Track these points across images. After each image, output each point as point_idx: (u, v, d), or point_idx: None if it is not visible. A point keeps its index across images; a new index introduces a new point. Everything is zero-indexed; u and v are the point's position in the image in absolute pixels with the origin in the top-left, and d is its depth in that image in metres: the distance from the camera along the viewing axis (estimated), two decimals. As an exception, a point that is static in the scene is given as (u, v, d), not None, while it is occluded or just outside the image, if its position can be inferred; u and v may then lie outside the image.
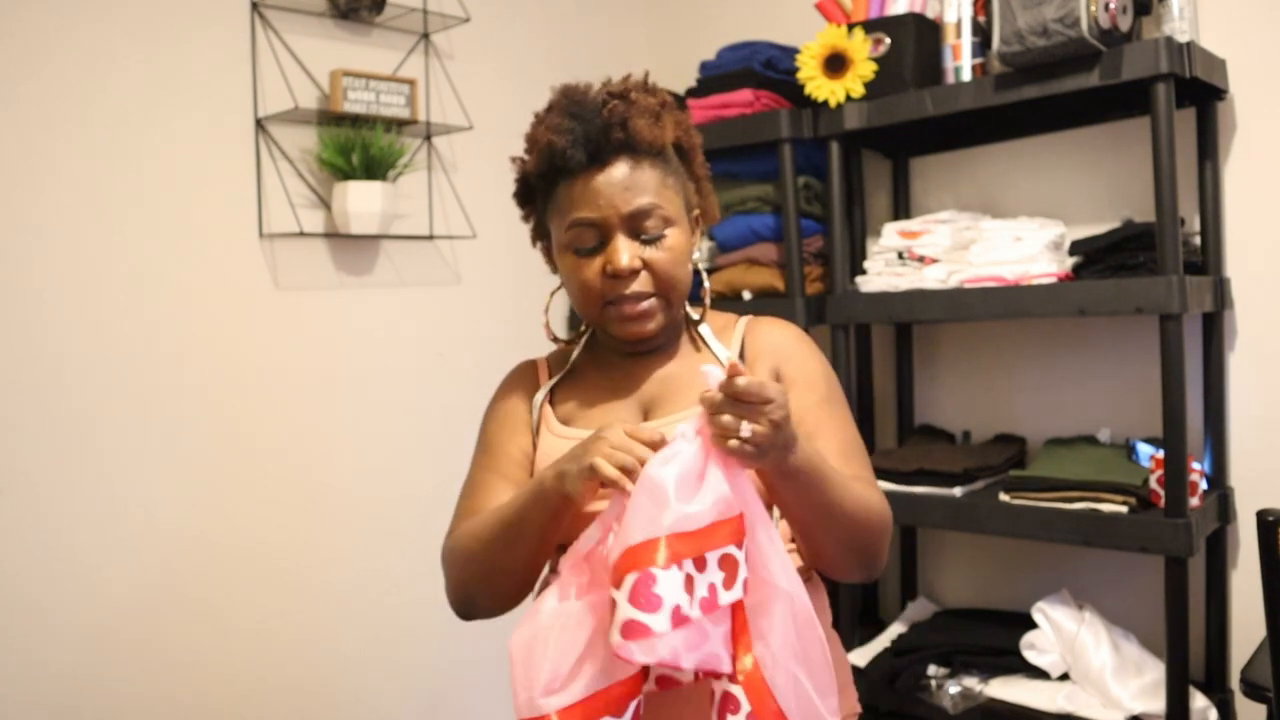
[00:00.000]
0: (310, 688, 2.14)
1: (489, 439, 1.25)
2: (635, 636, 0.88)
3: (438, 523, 2.48)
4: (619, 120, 1.11)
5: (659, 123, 1.14)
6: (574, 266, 1.15)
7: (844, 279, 2.22)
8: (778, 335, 1.21)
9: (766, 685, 0.93)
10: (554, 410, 1.22)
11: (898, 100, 2.09)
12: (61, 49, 1.82)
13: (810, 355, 1.21)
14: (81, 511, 1.84)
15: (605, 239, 1.13)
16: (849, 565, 1.12)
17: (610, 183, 1.11)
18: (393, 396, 2.30)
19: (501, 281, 2.52)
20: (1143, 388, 2.07)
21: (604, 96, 1.14)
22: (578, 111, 1.13)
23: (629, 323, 1.15)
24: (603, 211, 1.11)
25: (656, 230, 1.13)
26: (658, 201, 1.13)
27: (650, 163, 1.14)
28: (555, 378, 1.26)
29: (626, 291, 1.12)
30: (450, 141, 2.40)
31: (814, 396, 1.16)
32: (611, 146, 1.12)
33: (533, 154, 1.18)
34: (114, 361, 1.89)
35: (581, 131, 1.12)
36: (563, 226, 1.15)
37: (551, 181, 1.16)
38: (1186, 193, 1.97)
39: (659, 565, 0.89)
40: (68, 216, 1.84)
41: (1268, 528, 1.32)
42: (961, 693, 2.01)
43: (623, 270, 1.11)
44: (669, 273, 1.13)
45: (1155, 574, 1.92)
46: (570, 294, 1.19)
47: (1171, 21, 1.90)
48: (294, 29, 2.13)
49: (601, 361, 1.25)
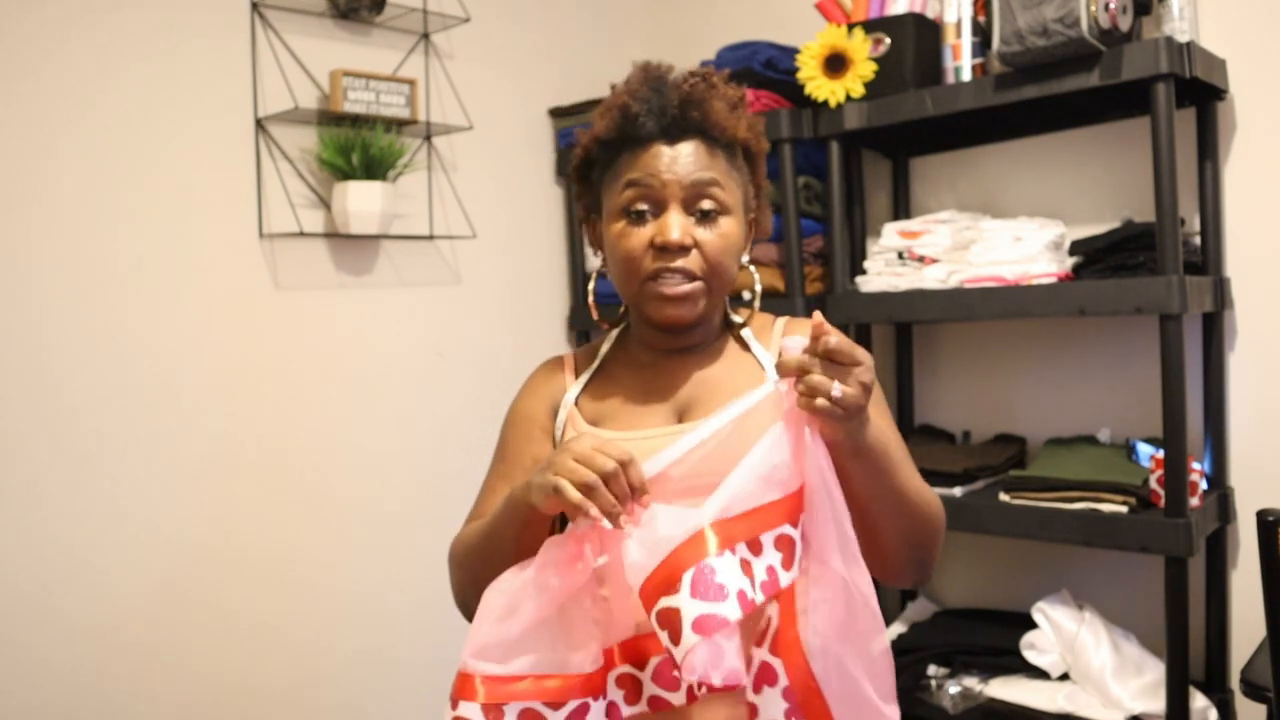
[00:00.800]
0: (309, 687, 2.14)
1: (505, 443, 1.22)
2: (709, 630, 0.85)
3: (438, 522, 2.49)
4: (698, 99, 1.09)
5: (735, 113, 1.12)
6: (621, 234, 1.10)
7: (844, 279, 2.22)
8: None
9: (806, 660, 0.92)
10: (582, 411, 1.17)
11: (898, 100, 2.09)
12: (62, 49, 1.82)
13: None
14: (81, 512, 1.84)
15: (659, 209, 1.09)
16: (905, 562, 1.08)
17: (678, 155, 1.09)
18: (392, 396, 2.30)
19: (501, 281, 2.52)
20: (1143, 388, 2.07)
21: (686, 75, 1.12)
22: (658, 85, 1.11)
23: (667, 304, 1.10)
24: (662, 178, 1.08)
25: (713, 211, 1.10)
26: (720, 180, 1.10)
27: (719, 150, 1.11)
28: (583, 377, 1.20)
29: (672, 265, 1.08)
30: (450, 141, 2.40)
31: None
32: (685, 124, 1.09)
33: (604, 118, 1.13)
34: (114, 361, 1.89)
35: (658, 103, 1.09)
36: (617, 191, 1.11)
37: (615, 150, 1.12)
38: (1186, 193, 1.97)
39: (712, 554, 0.87)
40: (68, 216, 1.84)
41: (1268, 528, 1.32)
42: (961, 693, 2.01)
43: (672, 243, 1.07)
44: (718, 258, 1.09)
45: (1155, 574, 1.92)
46: (612, 265, 1.14)
47: (1171, 21, 1.90)
48: (294, 29, 2.13)
49: (633, 359, 1.20)
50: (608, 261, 1.15)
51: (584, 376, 1.20)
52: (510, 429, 1.22)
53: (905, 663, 2.11)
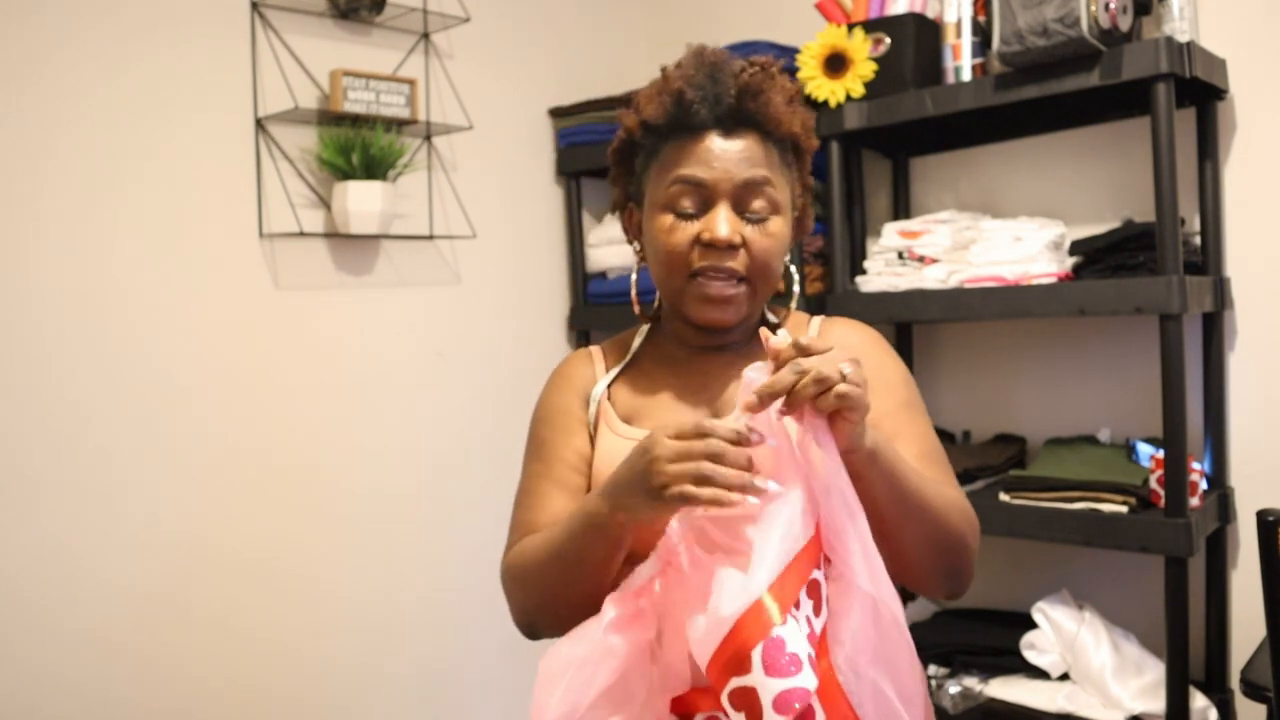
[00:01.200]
0: (306, 688, 2.14)
1: (541, 441, 1.14)
2: (791, 707, 0.80)
3: (438, 522, 2.49)
4: (756, 90, 1.04)
5: (791, 106, 1.07)
6: (666, 228, 1.05)
7: (844, 279, 2.22)
8: (855, 337, 1.15)
9: (842, 691, 0.86)
10: (614, 405, 1.12)
11: (898, 100, 2.09)
12: (62, 49, 1.82)
13: (888, 357, 1.14)
14: (80, 512, 1.84)
15: (707, 205, 1.04)
16: (934, 571, 1.04)
17: (730, 149, 1.04)
18: (392, 396, 2.30)
19: (501, 281, 2.52)
20: (1143, 388, 2.07)
21: (744, 63, 1.06)
22: (715, 72, 1.05)
23: (710, 305, 1.06)
24: (714, 174, 1.03)
25: (763, 211, 1.05)
26: (772, 179, 1.05)
27: (772, 145, 1.07)
28: (614, 370, 1.16)
29: (720, 265, 1.03)
30: (450, 141, 2.40)
31: (893, 401, 1.09)
32: (741, 115, 1.04)
33: (654, 102, 1.07)
34: (113, 361, 1.89)
35: (714, 91, 1.04)
36: (664, 183, 1.06)
37: (662, 136, 1.07)
38: (1186, 193, 1.97)
39: (778, 624, 0.81)
40: (67, 216, 1.84)
41: (1268, 528, 1.32)
42: (961, 693, 2.01)
43: (720, 240, 1.02)
44: (765, 260, 1.05)
45: (1155, 574, 1.92)
46: (652, 259, 1.09)
47: (1171, 21, 1.90)
48: (294, 29, 2.13)
49: (667, 356, 1.16)
50: (647, 254, 1.11)
51: (615, 370, 1.16)
52: (544, 425, 1.15)
53: (905, 663, 2.11)
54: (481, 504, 2.39)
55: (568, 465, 1.11)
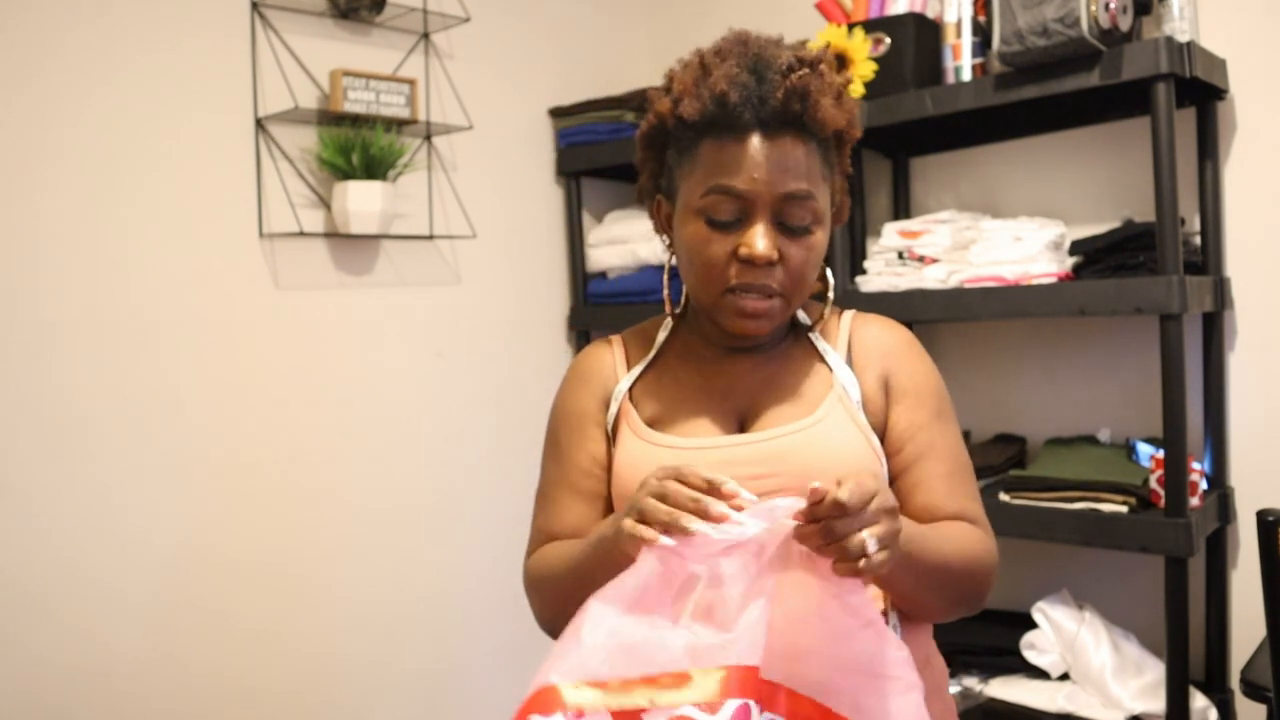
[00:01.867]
0: (306, 688, 2.14)
1: (557, 443, 1.12)
2: None
3: (438, 522, 2.48)
4: (803, 92, 0.97)
5: (840, 105, 1.01)
6: (702, 238, 1.00)
7: (844, 279, 2.22)
8: (888, 338, 1.10)
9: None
10: (636, 406, 1.08)
11: (898, 100, 2.09)
12: (61, 49, 1.82)
13: (921, 363, 1.09)
14: (80, 513, 1.84)
15: (746, 217, 0.99)
16: (953, 615, 1.05)
17: (771, 156, 0.97)
18: (392, 396, 2.30)
19: (501, 281, 2.52)
20: (1143, 388, 2.07)
21: (792, 60, 0.99)
22: (759, 68, 0.99)
23: (745, 319, 1.01)
24: (755, 186, 0.97)
25: (803, 222, 1.00)
26: (815, 192, 0.99)
27: (815, 148, 1.00)
28: (637, 368, 1.11)
29: (756, 283, 0.99)
30: (450, 141, 2.40)
31: (925, 413, 1.05)
32: (786, 117, 0.97)
33: (693, 97, 1.00)
34: (113, 361, 1.89)
35: (758, 91, 0.97)
36: (701, 189, 0.99)
37: (700, 133, 1.00)
38: (1186, 193, 1.97)
39: (544, 715, 0.77)
40: (68, 216, 1.84)
41: (1268, 528, 1.32)
42: (961, 693, 2.01)
43: (759, 258, 0.97)
44: (802, 273, 1.01)
45: (1155, 574, 1.92)
46: (685, 266, 1.04)
47: (1171, 21, 1.90)
48: (294, 29, 2.13)
49: (692, 353, 1.11)
50: (679, 258, 1.06)
51: (638, 367, 1.12)
52: (561, 427, 1.12)
53: (905, 663, 2.11)
54: (482, 504, 2.39)
55: (582, 471, 1.09)
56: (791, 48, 1.04)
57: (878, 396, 1.06)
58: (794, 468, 0.99)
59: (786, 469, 0.99)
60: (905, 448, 1.04)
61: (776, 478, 0.98)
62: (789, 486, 0.93)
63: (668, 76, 1.06)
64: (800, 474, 0.95)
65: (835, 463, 0.99)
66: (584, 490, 1.09)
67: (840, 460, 1.00)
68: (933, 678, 1.06)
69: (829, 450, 1.00)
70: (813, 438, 1.01)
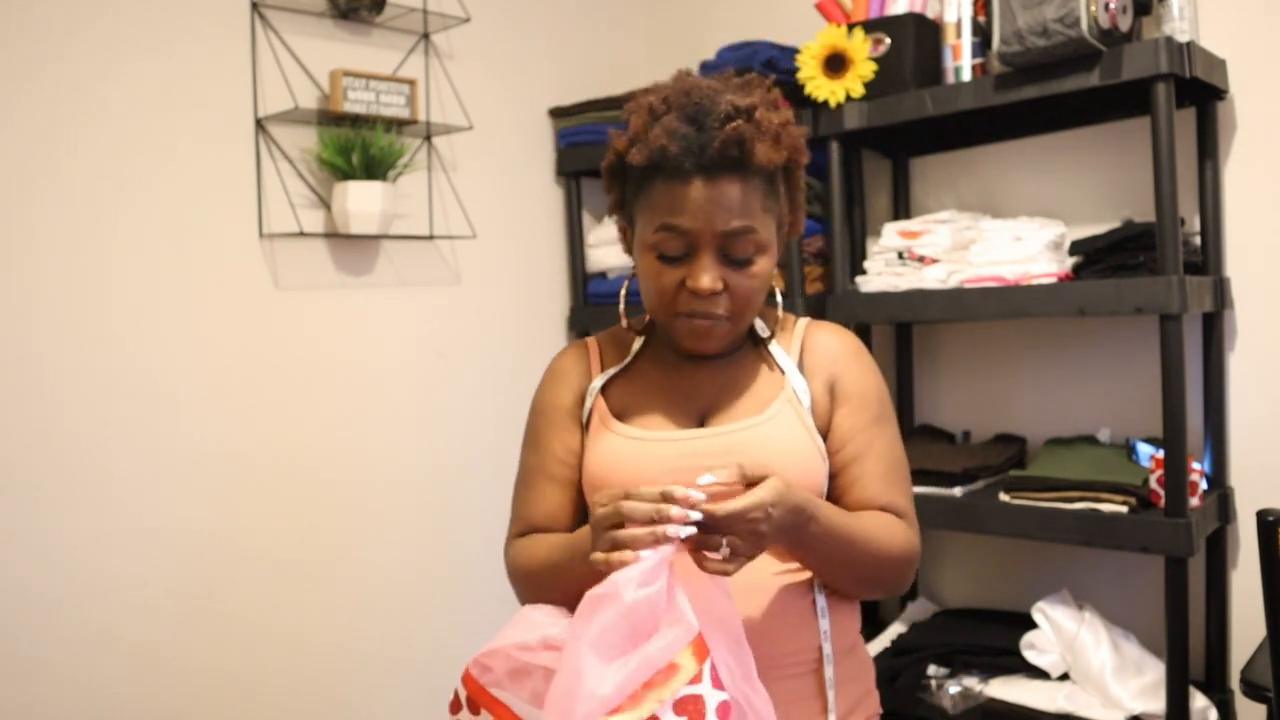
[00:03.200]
0: (308, 684, 2.14)
1: (535, 434, 1.23)
2: None
3: (437, 521, 2.48)
4: (738, 139, 1.06)
5: (778, 146, 1.09)
6: (655, 270, 1.11)
7: (844, 279, 2.22)
8: (836, 345, 1.20)
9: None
10: (608, 401, 1.19)
11: (898, 100, 2.09)
12: (62, 50, 1.82)
13: (865, 369, 1.19)
14: (80, 512, 1.84)
15: (692, 251, 1.09)
16: (872, 595, 1.18)
17: (712, 198, 1.06)
18: (393, 396, 2.30)
19: (501, 281, 2.52)
20: (1143, 388, 2.07)
21: (729, 109, 1.07)
22: (697, 116, 1.07)
23: (694, 338, 1.13)
24: (697, 224, 1.07)
25: (746, 254, 1.09)
26: (755, 226, 1.08)
27: (757, 184, 1.09)
28: (611, 369, 1.22)
29: (701, 310, 1.10)
30: (450, 141, 2.40)
31: (866, 416, 1.15)
32: (725, 163, 1.06)
33: (636, 146, 1.10)
34: (114, 361, 1.89)
35: (697, 141, 1.06)
36: (651, 226, 1.10)
37: (649, 176, 1.10)
38: (1186, 193, 1.97)
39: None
40: (68, 216, 1.84)
41: (1268, 528, 1.32)
42: (961, 693, 2.01)
43: (703, 291, 1.08)
44: (746, 299, 1.11)
45: (1155, 574, 1.92)
46: (643, 291, 1.16)
47: (1171, 21, 1.90)
48: (294, 29, 2.13)
49: (661, 357, 1.22)
50: (640, 283, 1.16)
51: (613, 369, 1.22)
52: (539, 418, 1.23)
53: (905, 663, 2.11)
54: (481, 504, 2.39)
55: (558, 460, 1.19)
56: (733, 91, 1.11)
57: (824, 399, 1.16)
58: (744, 458, 1.06)
59: (737, 460, 1.06)
60: (846, 447, 1.14)
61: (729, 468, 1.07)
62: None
63: (627, 111, 1.15)
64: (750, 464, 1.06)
65: (780, 455, 1.09)
66: (559, 478, 1.19)
67: (785, 454, 1.10)
68: (856, 665, 1.17)
69: (775, 445, 1.11)
70: (762, 434, 1.12)
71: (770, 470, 0.98)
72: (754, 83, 1.14)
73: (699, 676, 0.90)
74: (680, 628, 0.91)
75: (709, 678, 0.91)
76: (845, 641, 1.15)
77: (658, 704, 0.89)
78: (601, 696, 0.88)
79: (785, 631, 1.09)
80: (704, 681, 0.90)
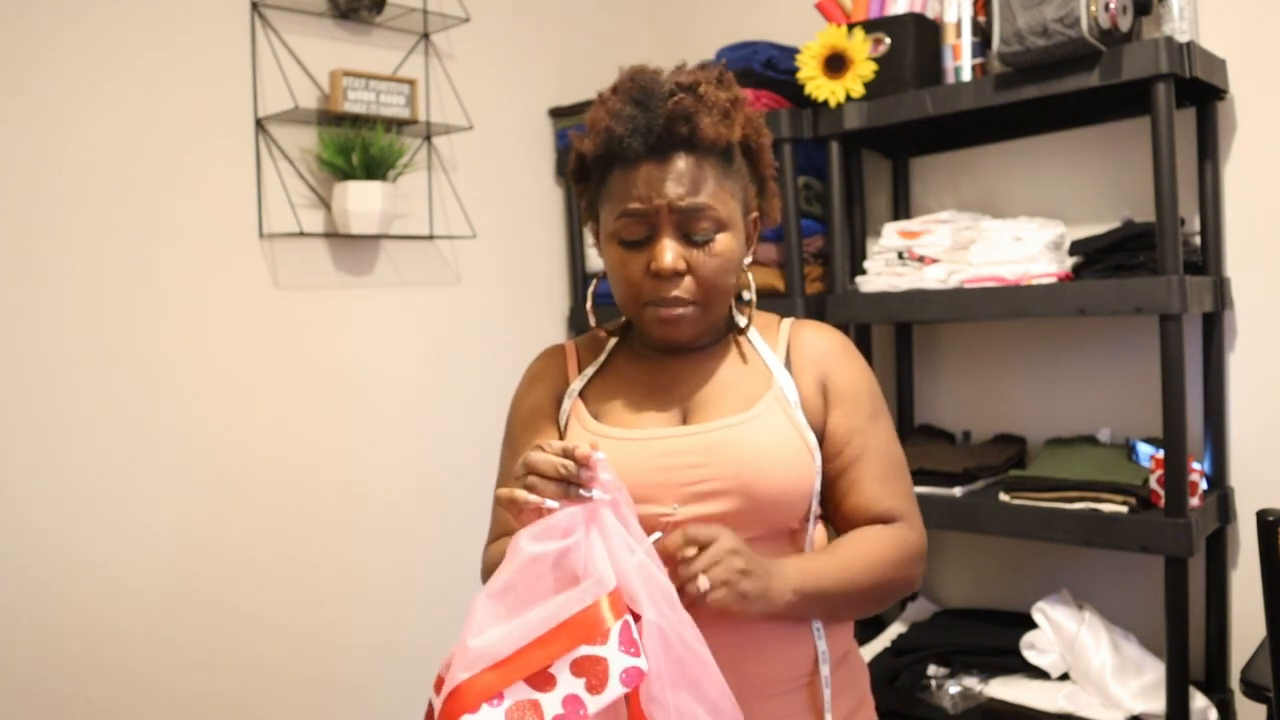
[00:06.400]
0: (309, 682, 2.14)
1: (513, 437, 1.21)
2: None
3: (437, 520, 2.48)
4: (684, 114, 1.05)
5: (727, 120, 1.08)
6: (619, 259, 1.10)
7: (844, 279, 2.22)
8: (824, 343, 1.17)
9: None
10: (586, 403, 1.17)
11: (898, 100, 2.09)
12: (62, 49, 1.82)
13: (856, 367, 1.17)
14: (81, 510, 1.84)
15: (653, 234, 1.08)
16: (880, 610, 1.17)
17: (665, 177, 1.06)
18: (393, 396, 2.30)
19: (501, 281, 2.52)
20: (1143, 388, 2.07)
21: (672, 86, 1.07)
22: (642, 98, 1.07)
23: (664, 327, 1.10)
24: (653, 204, 1.06)
25: (706, 233, 1.07)
26: (712, 203, 1.07)
27: (712, 161, 1.08)
28: (588, 370, 1.20)
29: (666, 295, 1.08)
30: (450, 141, 2.40)
31: (861, 416, 1.13)
32: (673, 140, 1.06)
33: (590, 136, 1.11)
34: (114, 361, 1.89)
35: (644, 121, 1.06)
36: (612, 215, 1.09)
37: (607, 165, 1.10)
38: (1186, 193, 1.97)
39: (472, 711, 0.85)
40: (68, 216, 1.84)
41: (1268, 528, 1.32)
42: (961, 693, 2.01)
43: (665, 270, 1.06)
44: (712, 280, 1.08)
45: (1155, 574, 1.92)
46: (612, 286, 1.14)
47: (1171, 21, 1.90)
48: (294, 29, 2.13)
49: (639, 356, 1.20)
50: (609, 278, 1.15)
51: (590, 369, 1.19)
52: (516, 419, 1.21)
53: (905, 663, 2.11)
54: (480, 504, 2.37)
55: None
56: (676, 73, 1.11)
57: (815, 398, 1.14)
58: (727, 458, 1.06)
59: (720, 459, 1.06)
60: (844, 450, 1.13)
61: (711, 467, 1.06)
62: (723, 475, 1.05)
63: (586, 117, 1.15)
64: (734, 464, 1.05)
65: (766, 455, 1.07)
66: None
67: (771, 453, 1.07)
68: (849, 673, 1.15)
69: (762, 444, 1.08)
70: (747, 432, 1.08)
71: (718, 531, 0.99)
72: (706, 66, 1.13)
73: (605, 636, 0.85)
74: (590, 582, 0.88)
75: (617, 639, 0.86)
76: (839, 650, 1.13)
77: (549, 660, 0.85)
78: (480, 647, 0.86)
79: (780, 649, 1.07)
80: (610, 643, 0.85)
